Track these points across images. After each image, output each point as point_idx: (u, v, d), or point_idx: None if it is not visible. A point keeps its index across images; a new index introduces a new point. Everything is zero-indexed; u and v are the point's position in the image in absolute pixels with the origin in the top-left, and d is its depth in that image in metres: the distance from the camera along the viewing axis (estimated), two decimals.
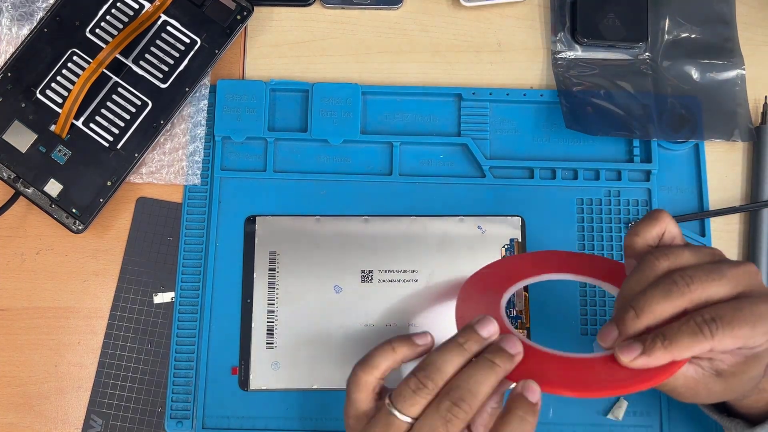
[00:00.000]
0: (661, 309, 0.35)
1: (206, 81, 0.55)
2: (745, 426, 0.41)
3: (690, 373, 0.37)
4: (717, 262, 0.37)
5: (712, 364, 0.37)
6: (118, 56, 0.53)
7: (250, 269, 0.53)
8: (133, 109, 0.54)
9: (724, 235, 0.55)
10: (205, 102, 0.55)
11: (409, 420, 0.36)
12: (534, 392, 0.36)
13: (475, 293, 0.45)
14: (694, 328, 0.34)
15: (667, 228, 0.39)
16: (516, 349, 0.37)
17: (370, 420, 0.37)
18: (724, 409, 0.43)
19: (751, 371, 0.36)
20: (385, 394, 0.39)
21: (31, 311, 0.53)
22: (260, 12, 0.58)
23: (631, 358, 0.35)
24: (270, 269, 0.53)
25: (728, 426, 0.42)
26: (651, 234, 0.39)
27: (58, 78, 0.54)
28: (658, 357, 0.35)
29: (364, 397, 0.39)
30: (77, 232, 0.52)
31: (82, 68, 0.54)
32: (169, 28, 0.55)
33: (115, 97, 0.54)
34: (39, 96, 0.53)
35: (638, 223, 0.39)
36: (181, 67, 0.54)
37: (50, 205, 0.52)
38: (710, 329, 0.34)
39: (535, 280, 0.46)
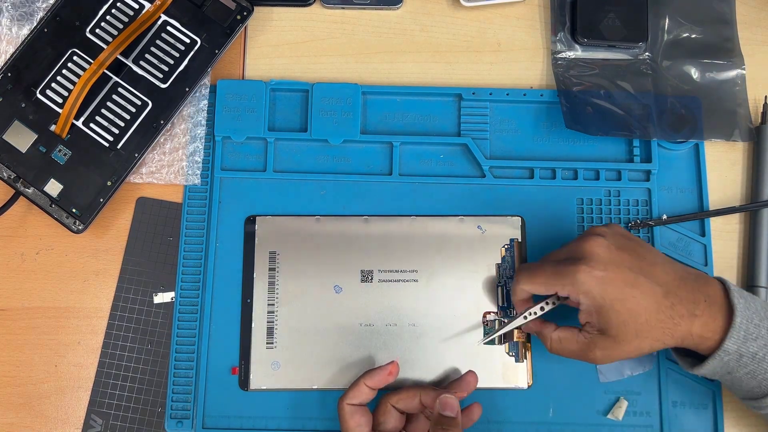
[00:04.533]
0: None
1: (206, 81, 0.55)
2: (690, 365, 0.46)
3: (581, 339, 0.45)
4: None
5: (587, 327, 0.45)
6: (119, 56, 0.53)
7: (250, 269, 0.53)
8: (133, 109, 0.54)
9: (724, 235, 0.55)
10: (205, 102, 0.55)
11: None
12: (452, 407, 0.45)
13: None
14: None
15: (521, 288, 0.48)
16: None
17: None
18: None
19: (616, 323, 0.43)
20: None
21: (31, 311, 0.53)
22: (260, 12, 0.58)
23: None
24: (270, 269, 0.53)
25: (680, 363, 0.48)
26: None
27: (58, 78, 0.54)
28: (513, 296, 0.48)
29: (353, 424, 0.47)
30: (77, 232, 0.52)
31: (82, 68, 0.54)
32: (169, 28, 0.55)
33: (115, 97, 0.54)
34: (39, 96, 0.53)
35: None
36: (181, 67, 0.54)
37: (50, 205, 0.52)
38: (517, 277, 0.47)
39: None
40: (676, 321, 0.43)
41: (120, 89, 0.54)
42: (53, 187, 0.53)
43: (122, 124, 0.53)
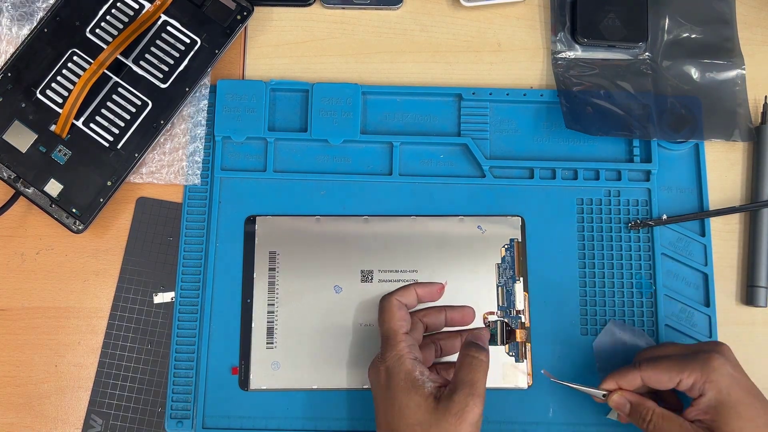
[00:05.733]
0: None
1: (206, 81, 0.55)
2: None
3: (686, 426, 0.44)
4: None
5: (697, 423, 0.43)
6: (119, 56, 0.53)
7: (250, 269, 0.53)
8: (133, 109, 0.54)
9: (724, 235, 0.55)
10: (205, 102, 0.55)
11: None
12: (483, 339, 0.47)
13: None
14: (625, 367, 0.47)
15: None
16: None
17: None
18: None
19: (733, 427, 0.42)
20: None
21: (31, 311, 0.53)
22: (260, 12, 0.58)
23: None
24: (270, 269, 0.53)
25: None
26: None
27: (59, 78, 0.54)
28: (607, 384, 0.47)
29: (400, 315, 0.48)
30: (77, 232, 0.52)
31: (82, 68, 0.54)
32: (169, 28, 0.55)
33: (115, 97, 0.54)
34: (39, 96, 0.53)
35: None
36: (181, 67, 0.54)
37: (50, 205, 0.52)
38: (637, 365, 0.46)
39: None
40: None
41: (120, 89, 0.54)
42: (53, 187, 0.53)
43: (122, 124, 0.53)
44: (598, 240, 0.54)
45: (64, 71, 0.54)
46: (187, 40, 0.54)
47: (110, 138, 0.53)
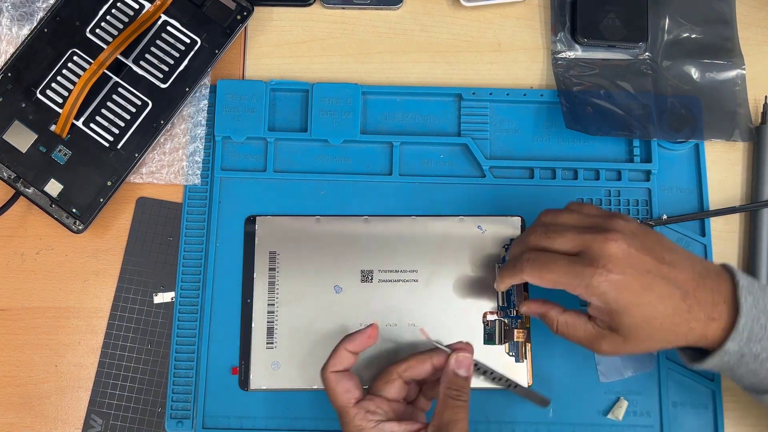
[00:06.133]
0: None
1: (206, 81, 0.55)
2: (690, 359, 0.45)
3: (589, 328, 0.44)
4: (580, 227, 0.44)
5: (597, 321, 0.44)
6: (119, 56, 0.53)
7: (250, 269, 0.53)
8: (134, 109, 0.54)
9: (724, 235, 0.55)
10: (205, 102, 0.55)
11: None
12: (467, 367, 0.45)
13: None
14: (514, 263, 0.45)
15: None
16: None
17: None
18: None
19: (628, 326, 0.42)
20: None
21: (31, 311, 0.53)
22: (260, 12, 0.58)
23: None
24: (270, 269, 0.53)
25: (680, 355, 0.47)
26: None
27: (59, 78, 0.54)
28: (500, 284, 0.47)
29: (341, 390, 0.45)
30: (77, 232, 0.52)
31: (83, 68, 0.54)
32: (169, 28, 0.55)
33: (115, 97, 0.54)
34: (39, 96, 0.53)
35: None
36: (181, 67, 0.54)
37: (50, 205, 0.52)
38: (522, 267, 0.44)
39: None
40: (692, 325, 0.42)
41: (120, 89, 0.54)
42: (53, 187, 0.53)
43: (122, 124, 0.53)
44: None
45: (64, 71, 0.54)
46: (187, 40, 0.54)
47: (110, 138, 0.53)
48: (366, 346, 0.47)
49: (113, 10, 0.55)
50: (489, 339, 0.52)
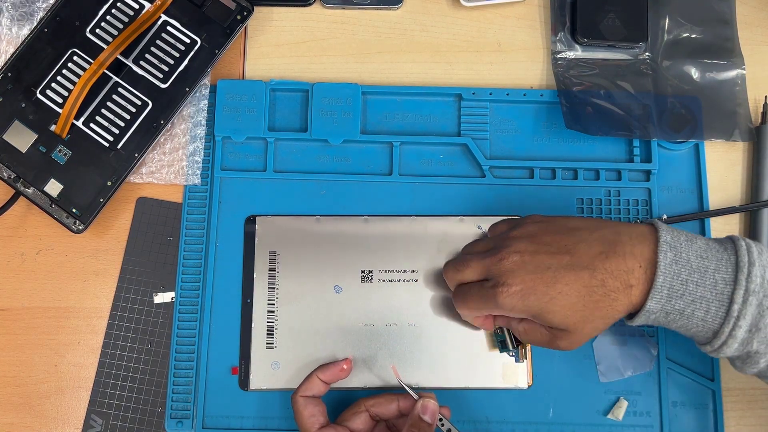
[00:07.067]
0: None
1: (206, 81, 0.55)
2: (626, 318, 0.45)
3: (543, 331, 0.45)
4: (478, 253, 0.47)
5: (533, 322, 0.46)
6: (119, 56, 0.54)
7: (250, 269, 0.53)
8: (134, 109, 0.54)
9: (724, 235, 0.55)
10: (205, 102, 0.55)
11: None
12: (432, 413, 0.46)
13: None
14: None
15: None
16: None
17: None
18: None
19: (558, 320, 0.43)
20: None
21: (31, 311, 0.53)
22: (260, 12, 0.58)
23: None
24: (270, 269, 0.53)
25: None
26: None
27: (59, 78, 0.54)
28: (473, 322, 0.49)
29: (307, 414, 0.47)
30: (77, 232, 0.52)
31: (82, 68, 0.54)
32: (169, 28, 0.55)
33: (115, 97, 0.54)
34: (39, 96, 0.53)
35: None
36: (181, 67, 0.54)
37: (50, 205, 0.52)
38: (455, 305, 0.48)
39: None
40: (612, 296, 0.42)
41: (120, 89, 0.54)
42: (53, 187, 0.53)
43: (122, 124, 0.53)
44: None
45: (64, 71, 0.54)
46: (187, 40, 0.54)
47: (110, 138, 0.53)
48: (338, 378, 0.49)
49: (113, 10, 0.55)
50: (503, 347, 0.50)
